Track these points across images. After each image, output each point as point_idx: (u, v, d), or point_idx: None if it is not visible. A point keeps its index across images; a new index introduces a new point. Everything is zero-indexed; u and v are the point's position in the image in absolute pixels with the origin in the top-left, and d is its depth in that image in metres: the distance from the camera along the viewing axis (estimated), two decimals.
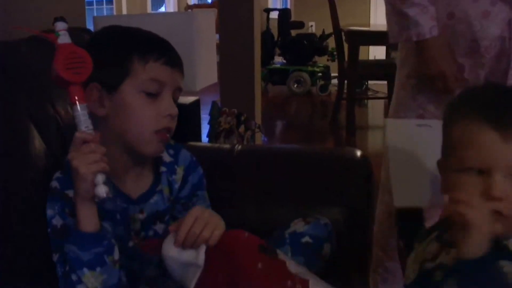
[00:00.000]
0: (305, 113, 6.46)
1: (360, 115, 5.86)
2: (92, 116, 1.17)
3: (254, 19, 3.59)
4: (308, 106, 6.67)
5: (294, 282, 1.17)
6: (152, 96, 1.24)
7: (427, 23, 1.70)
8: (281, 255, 1.25)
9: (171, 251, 1.17)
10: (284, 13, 7.21)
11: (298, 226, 1.37)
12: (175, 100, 1.29)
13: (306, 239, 1.35)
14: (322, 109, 6.21)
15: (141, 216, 1.32)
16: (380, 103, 6.07)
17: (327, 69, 6.96)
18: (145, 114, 1.24)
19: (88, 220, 1.14)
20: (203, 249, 1.17)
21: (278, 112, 6.32)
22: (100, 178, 1.10)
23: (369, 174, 1.63)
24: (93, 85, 1.22)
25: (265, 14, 7.08)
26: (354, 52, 5.05)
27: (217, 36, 3.48)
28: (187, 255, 1.17)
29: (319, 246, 1.36)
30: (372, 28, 6.09)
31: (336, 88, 5.80)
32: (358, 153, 1.70)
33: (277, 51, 7.26)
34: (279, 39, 7.15)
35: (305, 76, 6.85)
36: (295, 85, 6.88)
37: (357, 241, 1.57)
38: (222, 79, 3.53)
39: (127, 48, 1.25)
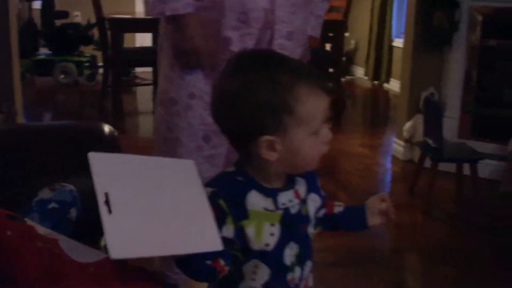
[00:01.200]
0: (74, 102, 6.41)
1: (129, 102, 5.99)
2: None
3: (10, 8, 3.54)
4: (76, 95, 6.62)
5: (44, 242, 1.26)
6: None
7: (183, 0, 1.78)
8: (29, 221, 1.33)
9: None
10: (47, 2, 7.04)
11: (44, 193, 1.47)
12: None
13: (53, 205, 1.45)
14: (91, 98, 6.22)
15: None
16: (148, 89, 6.23)
17: (93, 58, 6.95)
18: None
19: None
20: None
21: (46, 103, 6.21)
22: None
23: (115, 146, 1.77)
24: None
25: (27, 4, 6.86)
26: (117, 40, 5.13)
27: None
28: None
29: (66, 210, 1.47)
30: (136, 16, 6.20)
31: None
32: (106, 127, 1.82)
33: (42, 41, 7.09)
34: (43, 29, 6.98)
35: (72, 66, 6.77)
36: (62, 76, 6.77)
37: None
38: None
39: None
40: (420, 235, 3.23)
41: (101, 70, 6.42)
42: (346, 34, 8.11)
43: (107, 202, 0.93)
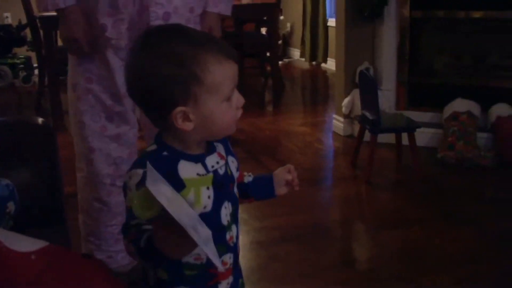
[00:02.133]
0: (11, 105, 6.27)
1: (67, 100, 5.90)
2: None
3: None
4: (13, 98, 6.49)
5: None
6: None
7: None
8: None
9: None
10: None
11: None
12: None
13: None
14: (28, 100, 6.11)
15: None
16: None
17: (28, 59, 6.83)
18: None
19: None
20: None
21: None
22: None
23: (50, 139, 1.78)
24: None
25: None
26: (50, 38, 5.05)
27: None
28: None
29: (2, 205, 1.47)
30: None
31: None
32: (39, 119, 1.82)
33: None
34: None
35: (6, 69, 6.65)
36: None
37: (47, 198, 1.71)
38: None
39: None
40: (363, 205, 3.32)
41: (37, 71, 6.31)
42: (281, 18, 8.18)
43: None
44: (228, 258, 1.20)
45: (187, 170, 1.12)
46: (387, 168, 3.71)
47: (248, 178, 1.34)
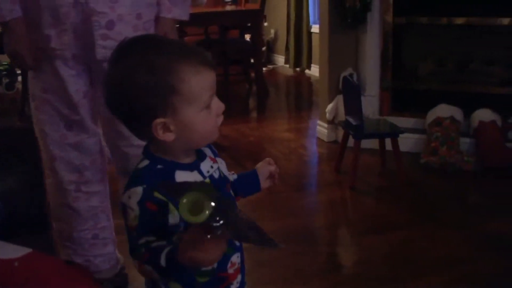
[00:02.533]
0: None
1: None
2: None
3: None
4: None
5: None
6: None
7: (6, 6, 1.86)
8: None
9: None
10: None
11: None
12: None
13: None
14: (12, 106, 6.07)
15: None
16: None
17: (11, 66, 6.77)
18: None
19: None
20: None
21: None
22: None
23: (33, 146, 1.77)
24: None
25: None
26: None
27: None
28: None
29: None
30: None
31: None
32: (22, 126, 1.81)
33: None
34: None
35: None
36: None
37: (30, 205, 1.71)
38: None
39: None
40: (349, 210, 3.33)
41: (20, 78, 6.27)
42: (265, 24, 8.19)
43: None
44: (236, 257, 1.21)
45: (184, 179, 1.12)
46: (371, 174, 3.73)
47: (233, 176, 1.35)
